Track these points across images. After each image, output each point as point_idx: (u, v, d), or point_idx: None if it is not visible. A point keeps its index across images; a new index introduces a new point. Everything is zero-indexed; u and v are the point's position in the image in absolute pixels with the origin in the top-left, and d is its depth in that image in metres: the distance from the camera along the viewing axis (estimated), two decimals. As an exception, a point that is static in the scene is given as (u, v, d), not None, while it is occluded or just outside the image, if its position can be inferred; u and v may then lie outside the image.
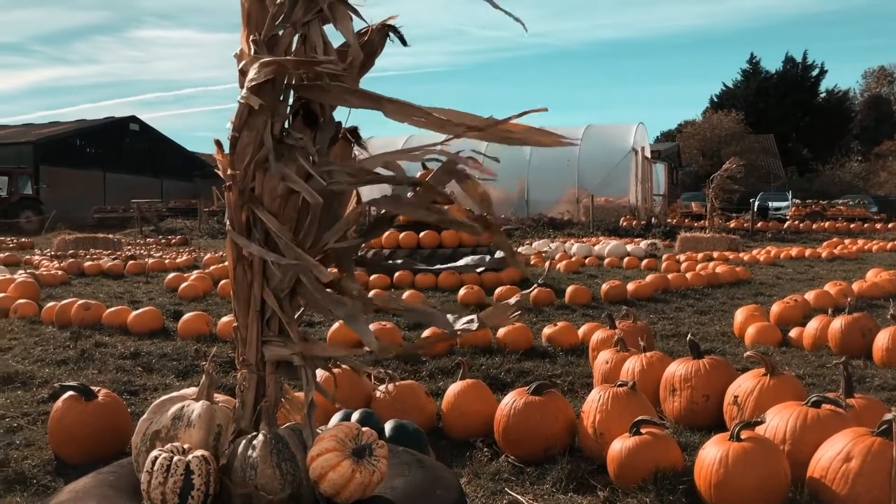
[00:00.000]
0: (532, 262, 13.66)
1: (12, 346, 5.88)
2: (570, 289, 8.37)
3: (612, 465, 3.00)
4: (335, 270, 2.31)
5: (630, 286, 8.65)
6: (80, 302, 6.90)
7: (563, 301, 8.12)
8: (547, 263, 4.94)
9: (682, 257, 13.80)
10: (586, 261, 13.78)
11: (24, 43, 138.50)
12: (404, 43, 2.12)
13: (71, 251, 17.42)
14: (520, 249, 16.07)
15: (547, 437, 3.30)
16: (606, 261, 13.76)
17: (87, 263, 12.91)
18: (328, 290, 2.23)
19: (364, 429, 2.20)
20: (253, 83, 2.09)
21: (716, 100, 56.71)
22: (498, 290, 8.13)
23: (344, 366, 3.64)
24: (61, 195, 38.00)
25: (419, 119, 2.00)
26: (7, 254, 16.67)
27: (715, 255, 14.43)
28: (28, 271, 11.38)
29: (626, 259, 13.56)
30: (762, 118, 51.51)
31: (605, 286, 8.61)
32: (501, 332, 5.61)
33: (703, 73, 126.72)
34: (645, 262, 13.13)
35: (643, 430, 3.00)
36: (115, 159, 45.80)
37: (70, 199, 38.42)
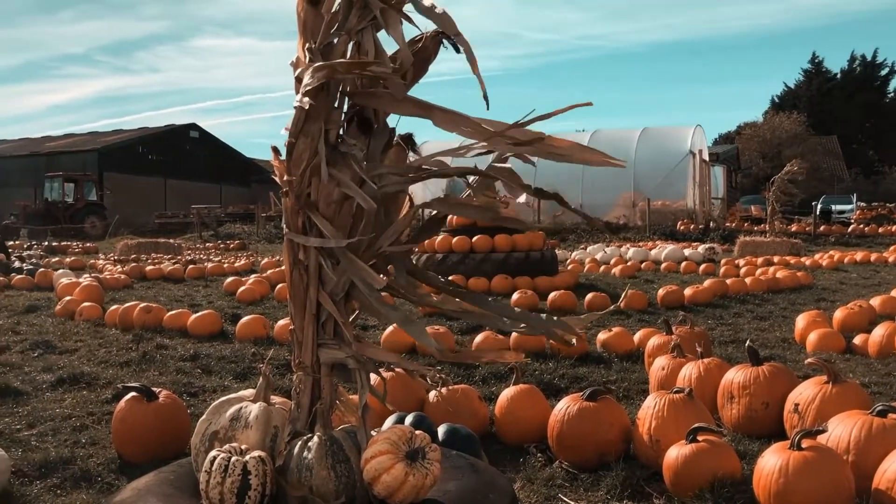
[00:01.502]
0: (587, 268, 13.55)
1: (78, 347, 6.06)
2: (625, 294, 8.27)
3: (668, 472, 2.95)
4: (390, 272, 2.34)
5: (687, 291, 8.51)
6: (142, 305, 7.07)
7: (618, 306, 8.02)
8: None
9: (741, 262, 13.54)
10: (642, 265, 13.62)
11: (90, 54, 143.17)
12: (457, 49, 2.13)
13: (133, 256, 17.90)
14: (574, 254, 15.94)
15: (601, 444, 3.26)
16: (663, 265, 13.58)
17: (149, 268, 13.26)
18: (382, 293, 2.25)
19: (417, 432, 2.21)
20: (307, 88, 2.12)
21: (777, 101, 55.49)
22: (552, 296, 8.08)
23: (398, 369, 3.69)
24: (124, 201, 39.04)
25: (466, 129, 2.01)
26: (73, 258, 17.21)
27: (775, 259, 14.11)
28: (93, 275, 11.72)
29: (683, 264, 13.36)
30: (825, 119, 50.20)
31: (661, 291, 8.49)
32: (555, 337, 5.57)
33: (763, 73, 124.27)
34: (703, 266, 12.92)
35: (700, 438, 2.94)
36: (175, 166, 46.91)
37: (132, 204, 39.45)
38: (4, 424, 3.88)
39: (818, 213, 26.16)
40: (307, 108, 2.12)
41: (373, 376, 2.33)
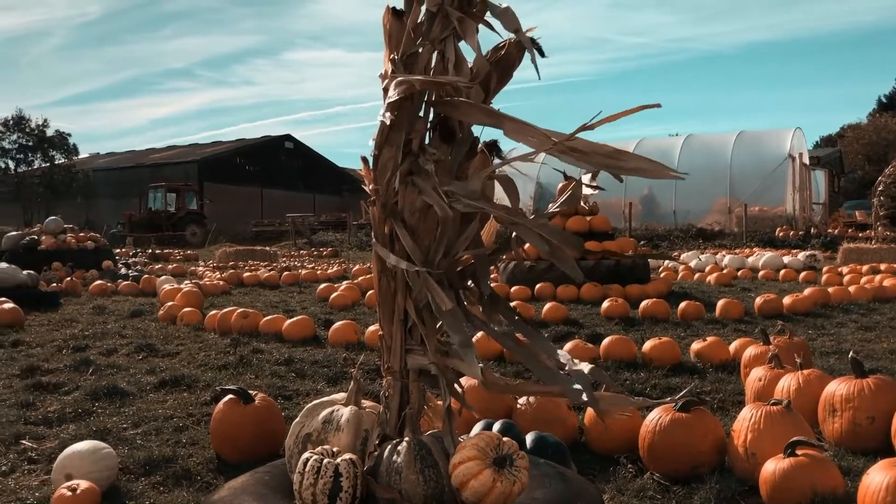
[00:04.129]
0: (681, 276, 13.24)
1: (179, 351, 6.31)
2: (720, 302, 8.04)
3: (765, 486, 2.85)
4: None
5: (786, 300, 8.21)
6: (240, 311, 7.30)
7: (713, 315, 7.82)
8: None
9: (844, 269, 12.95)
10: (739, 273, 13.21)
11: (190, 68, 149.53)
12: (542, 54, 2.12)
13: (231, 263, 18.54)
14: (667, 261, 15.61)
15: (694, 455, 3.18)
16: (761, 273, 13.14)
17: (246, 274, 13.70)
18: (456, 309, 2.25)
19: (505, 439, 2.21)
20: (389, 101, 2.16)
21: (884, 101, 52.91)
22: (643, 304, 7.93)
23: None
24: (222, 210, 40.47)
25: (533, 140, 2.00)
26: (175, 265, 17.95)
27: (882, 267, 13.43)
28: (193, 281, 12.19)
29: (782, 271, 12.88)
30: (936, 119, 47.56)
31: (758, 300, 8.21)
32: (647, 346, 5.47)
33: (866, 73, 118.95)
34: (803, 274, 12.44)
35: (799, 452, 2.84)
36: (271, 175, 48.32)
37: (230, 213, 40.85)
38: (112, 423, 4.07)
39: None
40: (388, 122, 2.16)
41: (467, 380, 2.34)
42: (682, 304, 7.92)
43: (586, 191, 2.31)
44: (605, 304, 8.03)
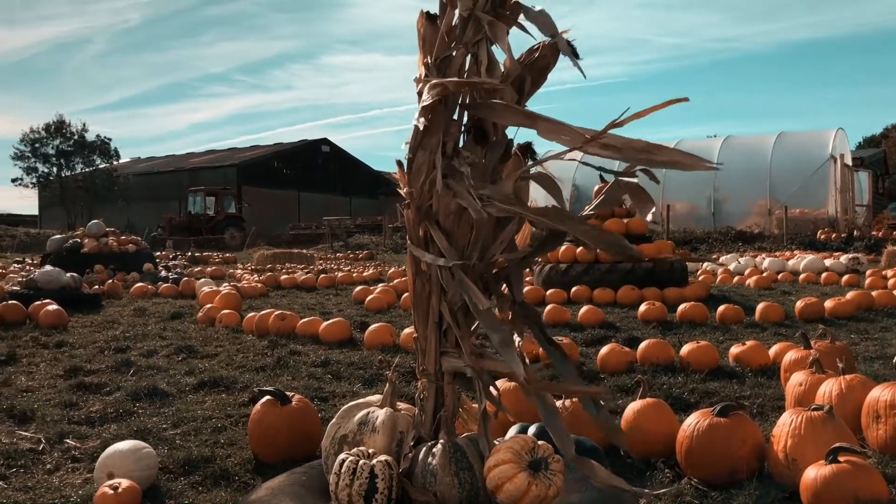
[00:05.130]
0: (719, 279, 13.07)
1: (218, 352, 6.39)
2: (760, 306, 7.92)
3: (806, 493, 2.80)
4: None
5: (828, 303, 8.05)
6: (277, 313, 7.37)
7: (752, 319, 7.70)
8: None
9: (889, 272, 12.65)
10: (779, 276, 13.00)
11: (228, 73, 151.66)
12: (577, 56, 2.11)
13: (269, 265, 18.73)
14: (706, 265, 15.42)
15: (733, 461, 3.14)
16: (802, 276, 12.92)
17: (283, 277, 13.83)
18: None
19: (540, 442, 2.21)
20: (423, 105, 2.17)
21: (929, 100, 51.78)
22: (681, 308, 7.84)
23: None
24: (260, 213, 40.93)
25: (567, 138, 2.00)
26: (214, 268, 18.17)
27: (928, 270, 13.14)
28: (231, 284, 12.34)
29: (823, 275, 12.65)
30: None
31: (799, 303, 8.07)
32: (685, 350, 5.41)
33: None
34: (845, 277, 12.19)
35: (841, 458, 2.78)
36: (308, 179, 48.77)
37: (268, 216, 41.29)
38: (153, 423, 4.13)
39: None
40: (422, 126, 2.17)
41: (503, 383, 2.34)
42: (721, 308, 7.81)
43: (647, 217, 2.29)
44: (642, 307, 7.95)
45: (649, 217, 2.28)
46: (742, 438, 3.18)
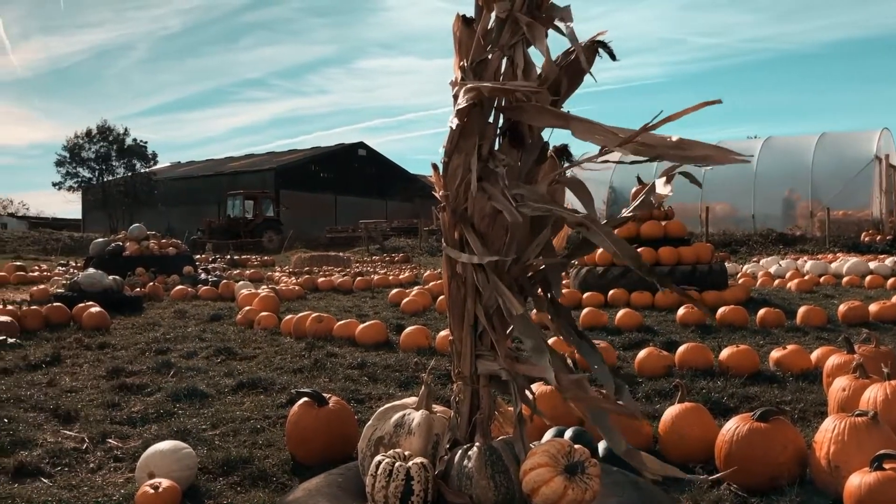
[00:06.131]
0: (760, 282, 12.87)
1: (256, 354, 6.46)
2: (801, 309, 7.78)
3: (850, 501, 2.75)
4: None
5: (872, 307, 7.88)
6: (314, 315, 7.43)
7: (793, 323, 7.57)
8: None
9: (936, 276, 12.39)
10: (821, 279, 12.77)
11: (266, 78, 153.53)
12: (613, 58, 2.11)
13: (306, 268, 18.89)
14: (745, 268, 15.20)
15: (773, 467, 3.09)
16: (845, 279, 12.67)
17: (321, 279, 13.95)
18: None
19: (576, 446, 2.19)
20: (458, 108, 2.18)
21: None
22: (720, 311, 7.74)
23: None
24: (298, 216, 41.31)
25: (600, 138, 1.99)
26: (252, 270, 18.40)
27: (977, 273, 12.81)
28: (270, 286, 12.47)
29: (868, 278, 12.38)
30: None
31: (842, 307, 7.92)
32: (724, 354, 5.33)
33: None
34: (891, 280, 11.92)
35: (886, 466, 2.72)
36: (344, 182, 49.12)
37: (305, 220, 41.65)
38: (192, 424, 4.19)
39: None
40: (456, 128, 2.18)
41: (539, 387, 2.33)
42: (761, 311, 7.70)
43: (662, 190, 2.26)
44: (681, 310, 7.87)
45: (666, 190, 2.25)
46: (783, 444, 3.13)
